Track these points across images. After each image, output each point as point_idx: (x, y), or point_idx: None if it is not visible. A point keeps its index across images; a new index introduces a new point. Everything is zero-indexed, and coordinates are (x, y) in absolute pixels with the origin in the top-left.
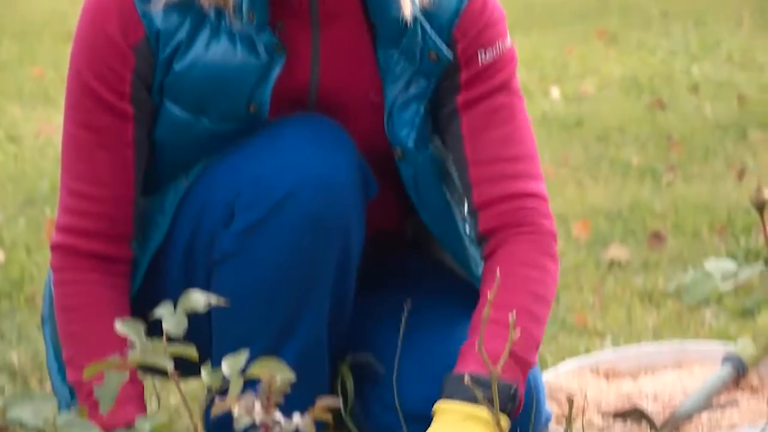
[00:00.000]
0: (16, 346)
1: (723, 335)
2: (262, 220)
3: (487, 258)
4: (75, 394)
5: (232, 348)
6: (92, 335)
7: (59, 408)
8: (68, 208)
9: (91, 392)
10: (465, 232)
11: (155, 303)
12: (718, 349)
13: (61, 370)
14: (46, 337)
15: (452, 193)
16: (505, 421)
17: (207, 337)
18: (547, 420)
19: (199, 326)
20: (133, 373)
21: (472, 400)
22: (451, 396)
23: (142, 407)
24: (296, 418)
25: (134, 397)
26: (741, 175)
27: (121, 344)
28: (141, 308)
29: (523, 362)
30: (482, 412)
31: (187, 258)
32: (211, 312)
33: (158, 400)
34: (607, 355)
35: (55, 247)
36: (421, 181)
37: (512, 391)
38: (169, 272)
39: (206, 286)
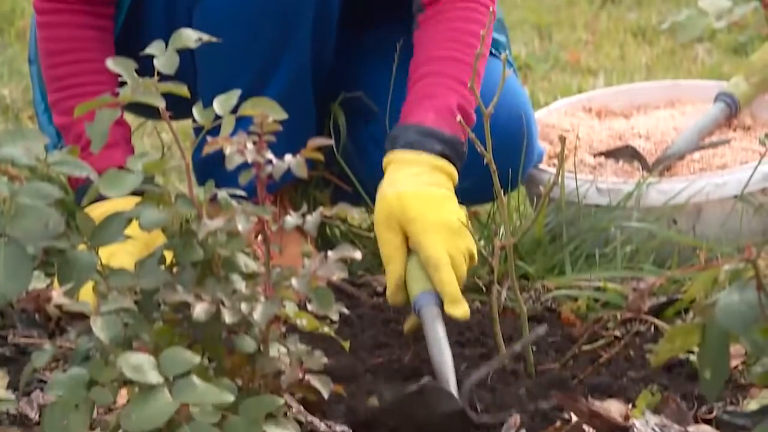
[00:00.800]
0: (7, 82)
1: (716, 72)
2: None
3: (421, 23)
4: (62, 136)
5: (218, 85)
6: (76, 78)
7: (47, 148)
8: None
9: (78, 135)
10: None
11: (137, 47)
12: (710, 86)
13: (48, 110)
14: (32, 77)
15: None
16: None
17: (190, 82)
18: (540, 157)
19: (181, 70)
20: (119, 116)
21: (419, 148)
22: (396, 146)
23: (130, 150)
24: (288, 157)
25: (122, 141)
26: None
27: (107, 86)
28: (122, 54)
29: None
30: (429, 158)
31: None
32: (194, 53)
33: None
34: (599, 93)
35: None
36: None
37: (457, 142)
38: (151, 14)
39: (188, 26)
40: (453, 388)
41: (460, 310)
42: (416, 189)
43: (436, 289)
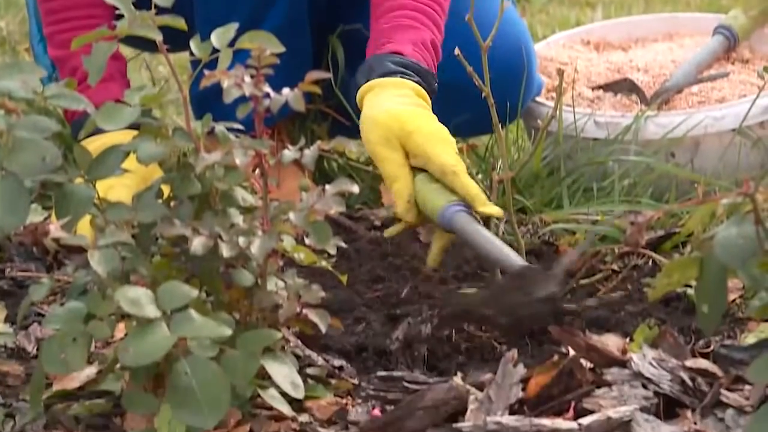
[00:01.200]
0: (4, 14)
1: (714, 5)
2: None
3: None
4: (57, 68)
5: (215, 18)
6: (71, 11)
7: (43, 81)
8: None
9: (73, 68)
10: None
11: None
12: (709, 18)
13: (44, 40)
14: (29, 9)
15: None
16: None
17: (187, 15)
18: (539, 89)
19: (178, 3)
20: (115, 50)
21: (393, 74)
22: (373, 76)
23: (126, 83)
24: (285, 90)
25: (117, 75)
26: None
27: (101, 19)
28: None
29: (434, 47)
30: (410, 84)
31: None
32: None
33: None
34: (598, 26)
35: None
36: None
37: (422, 68)
38: None
39: None
40: None
41: (494, 208)
42: (405, 108)
43: (461, 194)
